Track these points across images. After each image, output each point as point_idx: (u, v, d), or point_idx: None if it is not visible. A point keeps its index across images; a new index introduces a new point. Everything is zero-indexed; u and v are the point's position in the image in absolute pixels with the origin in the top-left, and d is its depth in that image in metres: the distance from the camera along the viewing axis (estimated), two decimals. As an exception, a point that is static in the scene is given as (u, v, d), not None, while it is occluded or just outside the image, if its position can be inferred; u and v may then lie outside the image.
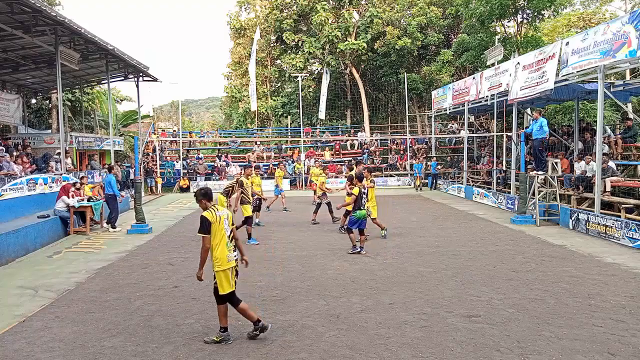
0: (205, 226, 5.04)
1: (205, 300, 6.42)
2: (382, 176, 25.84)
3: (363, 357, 4.66)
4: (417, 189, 23.65)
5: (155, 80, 20.93)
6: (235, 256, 5.16)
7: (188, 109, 71.30)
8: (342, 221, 11.63)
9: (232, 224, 5.26)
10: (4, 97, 18.47)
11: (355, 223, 9.27)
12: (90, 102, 29.10)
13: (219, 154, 28.54)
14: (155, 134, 30.66)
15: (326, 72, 30.06)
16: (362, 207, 9.28)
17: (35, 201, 12.69)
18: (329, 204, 13.37)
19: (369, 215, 10.03)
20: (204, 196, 5.19)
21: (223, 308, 5.07)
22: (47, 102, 26.67)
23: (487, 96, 18.32)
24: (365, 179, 10.21)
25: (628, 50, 10.42)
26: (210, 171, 26.20)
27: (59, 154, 16.20)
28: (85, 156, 21.60)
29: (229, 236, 5.14)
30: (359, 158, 25.39)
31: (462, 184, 21.33)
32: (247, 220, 10.49)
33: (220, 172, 25.91)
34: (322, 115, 30.06)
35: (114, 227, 12.46)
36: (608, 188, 12.13)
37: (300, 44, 30.64)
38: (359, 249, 9.25)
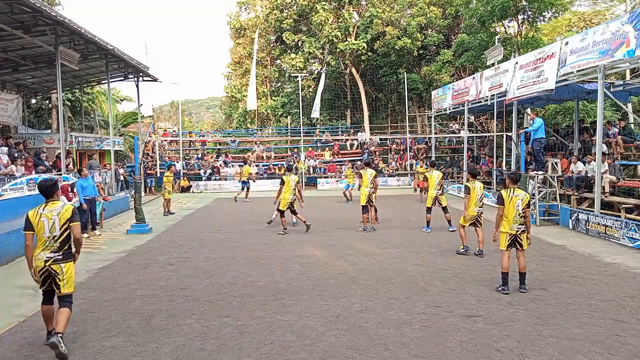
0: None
1: (205, 300, 6.43)
2: (382, 176, 25.83)
3: (363, 357, 4.66)
4: (416, 190, 23.68)
5: (155, 80, 20.91)
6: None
7: (188, 109, 71.35)
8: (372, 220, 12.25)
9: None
10: (2, 97, 18.46)
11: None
12: (90, 102, 29.09)
13: (219, 154, 28.58)
14: (155, 133, 30.68)
15: (323, 72, 30.07)
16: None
17: (35, 201, 12.60)
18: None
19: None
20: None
21: None
22: (47, 102, 26.66)
23: (487, 96, 18.32)
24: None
25: (626, 50, 10.42)
26: (211, 171, 26.20)
27: (58, 154, 16.21)
28: (85, 156, 21.59)
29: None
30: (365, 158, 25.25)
31: (462, 184, 21.33)
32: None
33: (219, 172, 25.94)
34: (316, 114, 30.05)
35: (92, 230, 11.92)
36: (607, 188, 12.15)
37: (300, 44, 30.66)
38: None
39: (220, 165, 26.50)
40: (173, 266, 8.44)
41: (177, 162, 26.55)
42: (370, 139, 28.90)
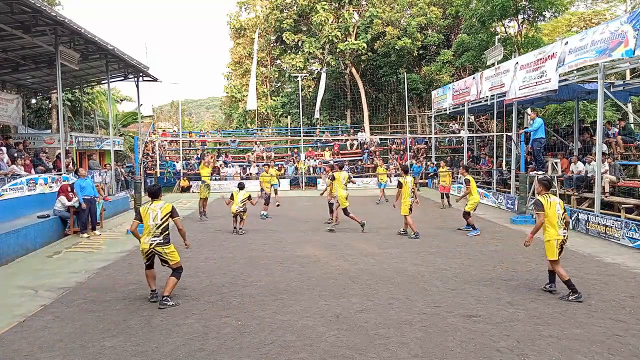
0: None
1: (205, 300, 6.43)
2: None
3: (363, 357, 4.66)
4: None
5: (155, 80, 20.91)
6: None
7: (188, 109, 71.36)
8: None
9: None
10: (2, 97, 18.46)
11: None
12: (90, 102, 29.09)
13: (219, 154, 28.58)
14: (155, 133, 30.69)
15: (323, 72, 30.08)
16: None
17: (35, 201, 12.67)
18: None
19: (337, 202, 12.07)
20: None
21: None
22: (47, 102, 26.65)
23: (487, 96, 18.33)
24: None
25: (625, 50, 10.42)
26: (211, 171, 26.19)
27: (58, 154, 16.21)
28: (85, 156, 21.59)
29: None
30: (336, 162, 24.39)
31: (462, 184, 21.32)
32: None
33: (219, 172, 25.93)
34: (317, 114, 30.11)
35: (93, 230, 11.91)
36: (607, 188, 12.15)
37: (300, 44, 30.65)
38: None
39: (220, 165, 26.50)
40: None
41: (177, 162, 26.57)
42: (370, 139, 28.90)
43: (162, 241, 6.28)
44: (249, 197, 11.96)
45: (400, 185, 11.13)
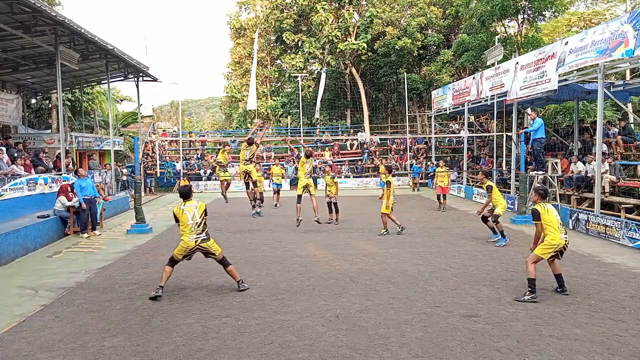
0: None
1: (205, 301, 6.43)
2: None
3: (363, 357, 4.66)
4: (414, 189, 23.76)
5: (155, 80, 20.92)
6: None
7: (188, 109, 71.28)
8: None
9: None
10: (2, 97, 18.46)
11: None
12: (90, 102, 29.09)
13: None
14: (155, 133, 30.69)
15: (324, 72, 30.08)
16: None
17: (35, 201, 12.68)
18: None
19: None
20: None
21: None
22: (47, 102, 26.64)
23: (488, 96, 18.33)
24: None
25: (625, 50, 10.42)
26: (211, 171, 26.21)
27: (59, 154, 16.22)
28: (85, 156, 21.59)
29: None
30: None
31: (462, 184, 21.33)
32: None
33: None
34: (317, 114, 30.13)
35: (93, 230, 11.87)
36: (607, 188, 12.15)
37: (300, 44, 30.66)
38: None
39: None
40: (173, 266, 8.42)
41: (177, 162, 26.57)
42: (370, 139, 28.91)
43: (205, 237, 6.67)
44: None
45: (389, 184, 11.35)
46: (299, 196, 12.10)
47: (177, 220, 6.72)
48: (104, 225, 13.03)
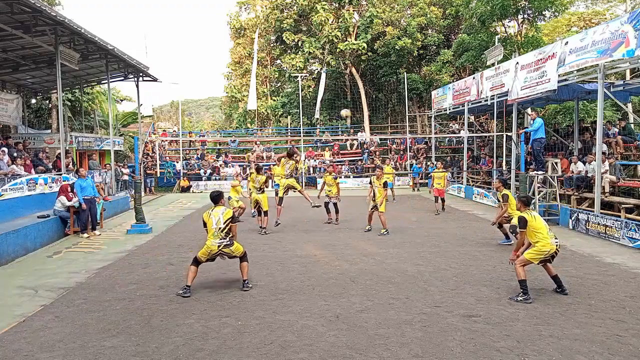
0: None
1: (205, 300, 6.43)
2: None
3: (363, 357, 4.66)
4: (414, 189, 23.78)
5: (155, 80, 20.92)
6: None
7: (188, 109, 71.23)
8: None
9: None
10: (2, 97, 18.47)
11: None
12: (90, 102, 29.09)
13: (219, 154, 28.59)
14: (155, 133, 30.69)
15: (324, 72, 30.09)
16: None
17: (35, 201, 12.68)
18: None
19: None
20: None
21: None
22: (47, 102, 26.64)
23: (488, 96, 18.32)
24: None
25: (625, 50, 10.42)
26: (211, 171, 26.22)
27: (59, 154, 16.22)
28: (85, 156, 21.60)
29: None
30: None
31: (462, 184, 21.34)
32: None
33: (219, 172, 25.94)
34: (317, 114, 30.13)
35: (93, 230, 11.85)
36: (607, 188, 12.15)
37: (300, 44, 30.64)
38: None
39: (220, 165, 26.51)
40: (173, 266, 8.43)
41: (177, 162, 26.57)
42: (370, 139, 28.91)
43: (228, 242, 6.75)
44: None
45: (385, 185, 11.49)
46: (281, 198, 12.02)
47: (205, 225, 6.84)
48: (104, 225, 13.03)
